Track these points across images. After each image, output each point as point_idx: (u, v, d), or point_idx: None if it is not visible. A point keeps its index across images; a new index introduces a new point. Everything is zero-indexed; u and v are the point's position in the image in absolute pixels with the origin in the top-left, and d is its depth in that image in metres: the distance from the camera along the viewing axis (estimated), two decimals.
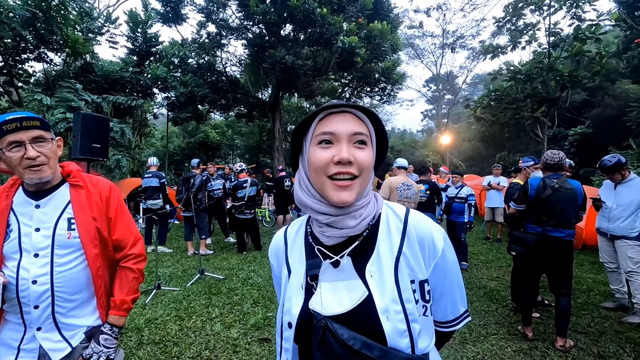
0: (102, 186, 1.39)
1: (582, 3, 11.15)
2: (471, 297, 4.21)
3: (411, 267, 0.71)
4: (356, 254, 0.72)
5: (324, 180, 0.69)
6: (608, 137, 14.71)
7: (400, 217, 0.77)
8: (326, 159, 0.68)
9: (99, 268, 1.33)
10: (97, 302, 1.35)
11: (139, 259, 1.44)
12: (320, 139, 0.70)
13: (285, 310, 0.73)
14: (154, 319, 3.51)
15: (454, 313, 0.81)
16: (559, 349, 2.90)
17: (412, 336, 0.66)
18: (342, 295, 0.69)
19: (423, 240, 0.73)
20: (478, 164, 25.60)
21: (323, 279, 0.72)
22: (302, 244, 0.80)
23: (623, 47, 15.41)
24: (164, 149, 20.26)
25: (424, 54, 31.56)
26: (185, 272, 5.23)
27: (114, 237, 1.39)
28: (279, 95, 15.84)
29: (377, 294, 0.67)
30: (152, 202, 6.27)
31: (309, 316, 0.68)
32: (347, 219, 0.71)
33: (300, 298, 0.72)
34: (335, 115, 0.71)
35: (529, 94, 12.84)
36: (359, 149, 0.70)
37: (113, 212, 1.39)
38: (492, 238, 7.58)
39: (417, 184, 5.16)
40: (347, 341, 0.62)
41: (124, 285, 1.39)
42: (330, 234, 0.72)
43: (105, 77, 11.62)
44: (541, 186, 3.06)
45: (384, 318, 0.65)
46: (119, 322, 1.35)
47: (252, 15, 12.63)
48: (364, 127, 0.71)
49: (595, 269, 5.34)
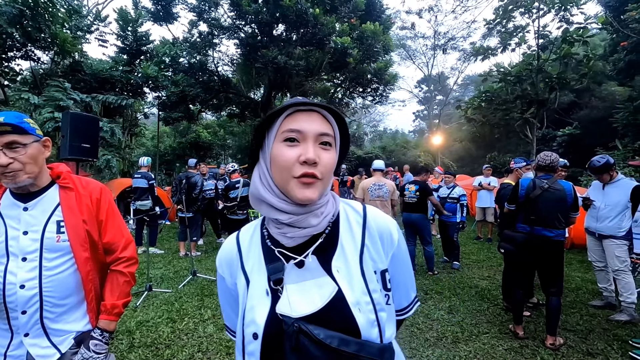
0: (93, 188, 1.37)
1: (570, 6, 11.34)
2: (463, 296, 4.25)
3: (373, 258, 0.73)
4: (320, 251, 0.72)
5: (289, 180, 0.67)
6: (595, 138, 15.01)
7: (359, 212, 0.79)
8: (292, 157, 0.67)
9: (89, 272, 1.31)
10: (87, 307, 1.32)
11: (130, 262, 1.42)
12: (286, 136, 0.68)
13: (247, 322, 0.68)
14: (145, 322, 3.46)
15: (407, 299, 0.85)
16: (549, 347, 2.95)
17: (380, 325, 0.67)
18: (311, 294, 0.67)
19: (382, 233, 0.76)
20: (469, 164, 25.88)
21: (288, 281, 0.69)
22: (259, 249, 0.76)
23: (609, 50, 15.74)
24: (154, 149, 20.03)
25: (416, 55, 31.77)
26: (177, 273, 5.18)
27: (105, 240, 1.36)
28: (272, 95, 15.79)
29: (346, 288, 0.67)
30: (141, 203, 6.19)
31: (276, 323, 0.65)
32: (310, 218, 0.70)
33: (266, 305, 0.68)
34: (302, 113, 0.69)
35: (519, 95, 13.03)
36: (324, 150, 0.69)
37: (104, 215, 1.36)
38: (483, 238, 7.66)
39: (410, 184, 5.20)
40: (325, 340, 0.60)
41: (115, 289, 1.37)
42: (293, 234, 0.70)
43: (94, 76, 11.45)
44: (531, 186, 3.12)
45: (356, 310, 0.65)
46: (109, 327, 1.33)
47: (244, 15, 12.56)
48: (330, 128, 0.71)
49: (584, 267, 5.44)
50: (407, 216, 5.12)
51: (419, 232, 5.11)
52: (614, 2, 14.64)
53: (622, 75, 15.62)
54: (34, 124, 1.26)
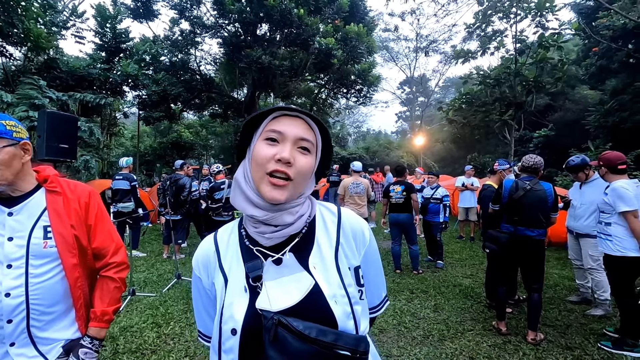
0: (81, 192, 1.33)
1: (545, 12, 11.75)
2: (448, 294, 4.34)
3: (347, 255, 0.77)
4: (297, 249, 0.75)
5: (262, 175, 0.71)
6: (569, 140, 15.62)
7: (334, 212, 0.84)
8: (268, 155, 0.70)
9: (77, 278, 1.27)
10: (76, 314, 1.28)
11: (120, 268, 1.38)
12: (267, 136, 0.72)
13: (226, 318, 0.70)
14: (129, 327, 3.37)
15: (378, 298, 0.89)
16: (530, 342, 3.05)
17: (355, 318, 0.70)
18: (289, 288, 0.70)
19: (355, 231, 0.81)
20: (450, 164, 26.45)
21: (267, 278, 0.71)
22: (236, 248, 0.78)
23: (582, 55, 16.43)
24: (134, 149, 19.53)
25: (399, 57, 32.25)
26: (161, 276, 5.07)
27: (94, 245, 1.33)
28: (255, 95, 15.67)
29: (323, 282, 0.70)
30: (123, 205, 6.02)
31: (255, 318, 0.67)
32: (284, 215, 0.73)
33: (244, 301, 0.70)
34: (287, 117, 0.74)
35: (498, 97, 13.41)
36: (302, 154, 0.72)
37: (93, 219, 1.32)
38: (465, 237, 7.84)
39: (394, 185, 5.27)
40: (304, 331, 0.62)
41: (105, 295, 1.33)
42: (271, 235, 0.73)
43: (71, 74, 11.07)
44: (514, 187, 3.21)
45: (333, 302, 0.68)
46: (99, 335, 1.29)
47: (227, 14, 12.42)
48: (312, 135, 0.75)
49: (561, 264, 5.64)
50: (394, 217, 5.18)
51: (406, 231, 5.19)
52: (586, 10, 15.29)
53: (594, 79, 16.33)
54: (12, 126, 1.19)
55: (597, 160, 3.26)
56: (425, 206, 5.73)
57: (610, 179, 3.10)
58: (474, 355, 2.89)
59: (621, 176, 3.05)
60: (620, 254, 2.90)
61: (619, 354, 2.86)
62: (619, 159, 3.06)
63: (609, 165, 3.09)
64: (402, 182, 5.24)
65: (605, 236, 3.05)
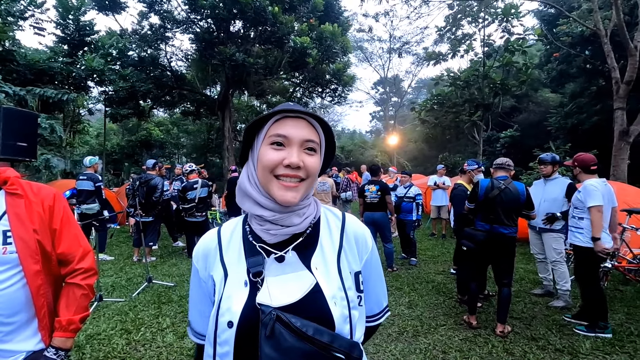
0: (45, 195, 1.25)
1: (511, 18, 12.28)
2: (421, 291, 4.45)
3: (349, 259, 0.78)
4: (300, 249, 0.75)
5: (270, 179, 0.71)
6: (533, 140, 16.43)
7: (338, 217, 0.85)
8: (276, 160, 0.70)
9: (40, 286, 1.19)
10: (39, 324, 1.20)
11: (88, 274, 1.31)
12: (272, 140, 0.72)
13: (223, 310, 0.70)
14: (96, 334, 3.22)
15: (378, 306, 0.89)
16: (498, 334, 3.19)
17: (352, 323, 0.71)
18: (290, 286, 0.70)
19: (358, 238, 0.82)
20: (422, 163, 27.13)
21: (268, 274, 0.72)
22: (239, 243, 0.78)
23: (544, 60, 17.31)
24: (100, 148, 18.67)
25: (373, 58, 32.63)
26: (130, 280, 4.87)
27: (59, 250, 1.25)
28: (229, 93, 15.38)
29: (324, 283, 0.71)
30: (87, 207, 5.70)
31: (253, 312, 0.67)
32: (293, 217, 0.74)
33: (243, 295, 0.70)
34: (289, 119, 0.73)
35: (467, 99, 13.89)
36: (309, 155, 0.73)
37: (58, 223, 1.25)
38: (437, 234, 8.07)
39: (369, 185, 5.34)
40: (301, 328, 0.63)
41: (71, 303, 1.26)
42: (276, 232, 0.73)
43: (29, 67, 10.39)
44: (489, 187, 3.36)
45: (332, 304, 0.69)
46: (65, 345, 1.22)
47: (199, 9, 12.10)
48: (316, 135, 0.75)
49: (525, 259, 5.93)
50: (369, 215, 5.25)
51: (380, 230, 5.27)
52: (548, 17, 16.14)
53: (555, 83, 17.29)
54: None
55: (571, 161, 3.54)
56: (398, 205, 5.85)
57: (582, 177, 3.42)
58: (446, 350, 2.98)
59: (592, 176, 3.37)
60: (589, 245, 3.21)
61: (577, 340, 3.05)
62: (591, 161, 3.37)
63: (582, 166, 3.40)
64: (376, 182, 5.32)
65: (576, 229, 3.35)
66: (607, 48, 9.12)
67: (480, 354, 2.90)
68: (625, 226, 4.24)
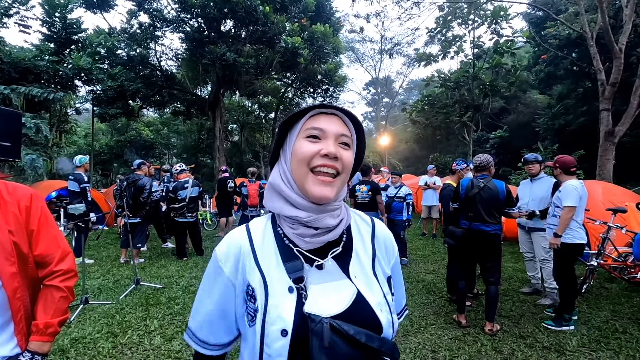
0: (22, 195, 1.21)
1: (500, 20, 12.45)
2: (411, 290, 4.47)
3: (382, 265, 0.79)
4: (337, 257, 0.75)
5: (306, 173, 0.70)
6: (522, 141, 16.67)
7: (368, 223, 0.85)
8: (313, 151, 0.70)
9: (16, 289, 1.15)
10: (15, 328, 1.16)
11: (67, 276, 1.27)
12: (309, 133, 0.72)
13: (273, 318, 0.66)
14: (81, 338, 3.15)
15: (399, 305, 0.91)
16: (487, 332, 3.21)
17: (394, 327, 0.72)
18: (333, 295, 0.70)
19: (387, 242, 0.84)
20: (414, 164, 27.33)
21: (310, 282, 0.70)
22: (273, 247, 0.75)
23: (532, 62, 17.57)
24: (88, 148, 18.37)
25: (364, 58, 32.69)
26: (118, 282, 4.79)
27: (37, 252, 1.21)
28: (220, 92, 15.27)
29: (366, 291, 0.71)
30: (73, 207, 5.58)
31: (303, 321, 0.65)
32: (327, 218, 0.72)
33: (292, 302, 0.67)
34: (324, 115, 0.74)
35: (457, 100, 14.03)
36: (344, 149, 0.73)
37: (35, 224, 1.21)
38: (428, 234, 8.12)
39: (360, 185, 5.34)
40: (355, 336, 0.63)
41: (49, 306, 1.22)
42: (310, 239, 0.72)
43: (14, 65, 10.15)
44: (469, 186, 3.41)
45: (379, 311, 0.69)
46: (42, 349, 1.18)
47: (189, 8, 11.99)
48: (348, 131, 0.75)
49: (514, 258, 6.00)
50: None
51: None
52: (536, 19, 16.38)
53: (543, 84, 17.57)
54: None
55: (553, 162, 3.68)
56: (389, 205, 5.86)
57: (562, 178, 3.59)
58: (435, 349, 2.99)
59: (571, 177, 3.54)
60: (569, 242, 3.37)
61: (564, 338, 3.08)
62: (572, 163, 3.55)
63: (563, 167, 3.56)
64: (367, 182, 5.32)
65: (556, 227, 3.47)
66: (593, 50, 9.29)
67: (469, 352, 2.92)
68: (611, 225, 4.31)
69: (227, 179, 7.57)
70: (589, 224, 4.79)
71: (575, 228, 3.39)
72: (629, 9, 8.73)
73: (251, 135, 22.61)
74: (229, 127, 22.74)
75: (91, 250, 6.68)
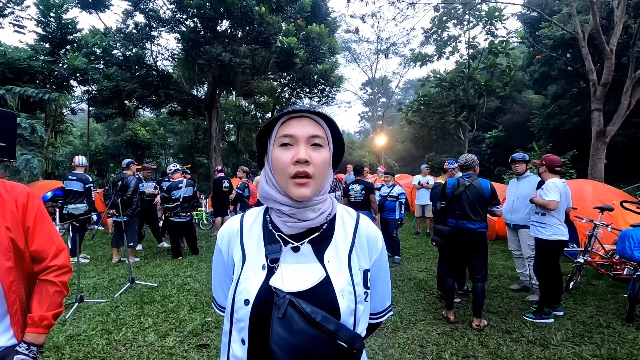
0: (19, 193, 1.26)
1: (495, 21, 12.54)
2: (403, 288, 4.54)
3: (359, 257, 0.84)
4: (315, 242, 0.81)
5: (286, 180, 0.77)
6: (517, 140, 16.80)
7: (353, 216, 0.91)
8: (287, 160, 0.76)
9: (12, 282, 1.21)
10: (11, 320, 1.22)
11: (62, 271, 1.33)
12: (281, 142, 0.78)
13: (241, 289, 0.77)
14: (76, 335, 3.20)
15: (382, 305, 0.94)
16: (474, 328, 3.29)
17: (356, 316, 0.77)
18: (302, 275, 0.76)
19: (370, 237, 0.88)
20: (410, 163, 27.41)
21: (284, 261, 0.78)
22: (259, 231, 0.85)
23: (527, 62, 17.70)
24: (84, 148, 18.33)
25: (360, 58, 32.85)
26: (113, 281, 4.83)
27: (32, 248, 1.27)
28: (216, 93, 15.29)
29: (334, 276, 0.77)
30: (74, 207, 5.61)
31: (267, 294, 0.73)
32: (307, 211, 0.80)
33: (260, 278, 0.76)
34: (295, 119, 0.79)
35: (453, 100, 14.12)
36: (315, 150, 0.78)
37: (31, 221, 1.27)
38: (422, 233, 8.21)
39: (354, 184, 5.41)
40: (310, 314, 0.68)
41: (44, 299, 1.28)
42: (292, 224, 0.80)
43: (9, 66, 10.14)
44: (455, 185, 3.50)
45: (340, 296, 0.74)
46: (37, 340, 1.24)
47: (185, 8, 12.01)
48: (321, 130, 0.80)
49: (505, 256, 6.09)
50: None
51: None
52: (531, 20, 16.51)
53: (537, 84, 17.69)
54: None
55: (540, 160, 3.85)
56: (382, 204, 5.93)
57: (546, 177, 3.73)
58: (424, 343, 3.07)
59: (555, 176, 3.69)
60: (551, 238, 3.49)
61: (550, 332, 3.17)
62: (558, 162, 3.73)
63: (549, 166, 3.72)
64: (361, 182, 5.38)
65: (539, 224, 3.62)
66: (585, 51, 9.42)
67: (456, 347, 2.99)
68: (598, 223, 4.40)
69: (222, 179, 7.62)
70: (577, 222, 4.89)
71: (556, 225, 3.50)
72: (619, 10, 8.85)
73: (248, 135, 22.62)
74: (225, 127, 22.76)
75: (87, 249, 6.71)
